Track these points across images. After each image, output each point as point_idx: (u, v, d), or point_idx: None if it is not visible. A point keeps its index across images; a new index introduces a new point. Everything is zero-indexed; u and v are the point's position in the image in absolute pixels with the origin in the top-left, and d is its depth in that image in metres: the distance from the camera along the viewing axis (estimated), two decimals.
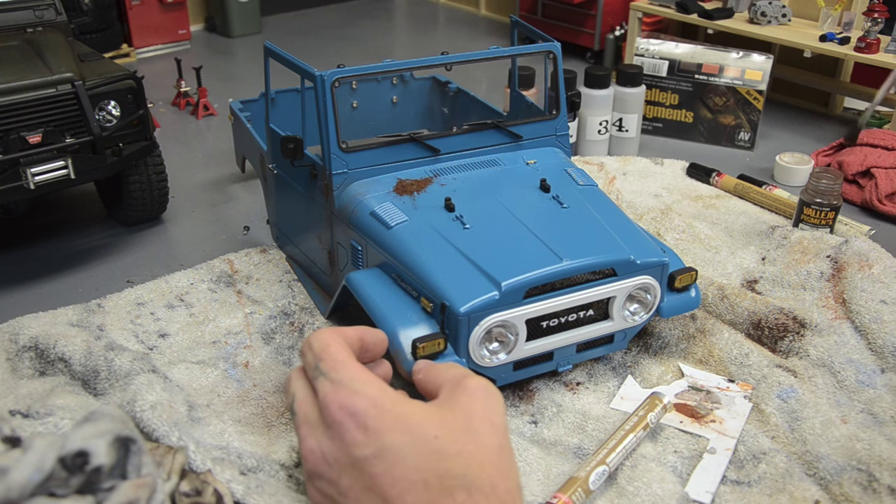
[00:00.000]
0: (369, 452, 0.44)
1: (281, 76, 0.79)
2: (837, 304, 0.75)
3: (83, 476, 0.39)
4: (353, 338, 0.52)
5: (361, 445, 0.44)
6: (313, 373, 0.48)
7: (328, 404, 0.46)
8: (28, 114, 0.77)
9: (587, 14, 1.49)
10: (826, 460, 0.57)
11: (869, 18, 1.10)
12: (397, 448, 0.44)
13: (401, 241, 0.62)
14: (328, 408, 0.46)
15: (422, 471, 0.43)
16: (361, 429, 0.44)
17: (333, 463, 0.45)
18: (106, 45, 1.49)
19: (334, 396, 0.46)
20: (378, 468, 0.43)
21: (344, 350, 0.49)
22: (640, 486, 0.55)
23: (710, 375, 0.67)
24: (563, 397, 0.65)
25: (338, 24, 1.83)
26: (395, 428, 0.44)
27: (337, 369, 0.47)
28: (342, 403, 0.45)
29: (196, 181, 1.06)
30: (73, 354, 0.65)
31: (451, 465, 0.43)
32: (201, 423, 0.60)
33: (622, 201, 0.96)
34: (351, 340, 0.51)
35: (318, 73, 0.66)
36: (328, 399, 0.46)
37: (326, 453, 0.46)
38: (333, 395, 0.46)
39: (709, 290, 0.76)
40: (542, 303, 0.59)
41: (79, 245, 0.91)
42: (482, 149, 0.74)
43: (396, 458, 0.43)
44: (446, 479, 0.43)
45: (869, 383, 0.65)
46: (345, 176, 0.68)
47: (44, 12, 0.91)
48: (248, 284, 0.80)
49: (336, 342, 0.49)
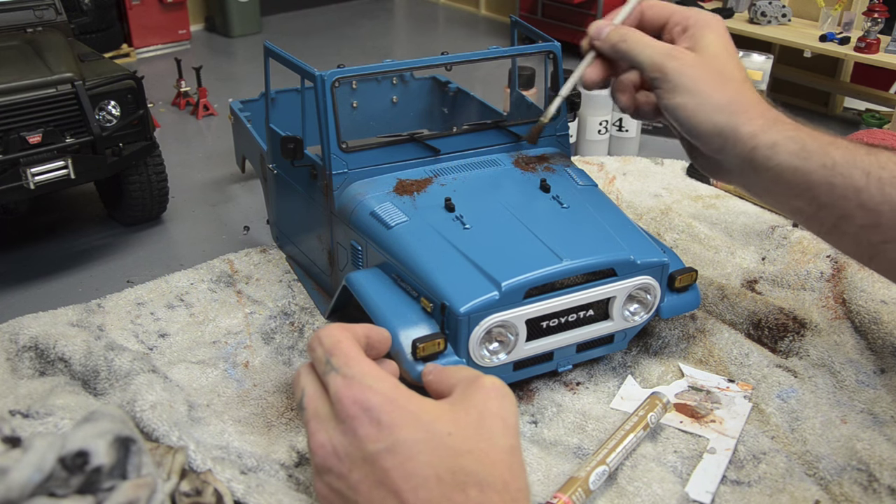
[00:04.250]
0: (382, 447, 0.44)
1: (281, 76, 0.79)
2: (837, 304, 0.75)
3: (83, 476, 0.39)
4: (360, 335, 0.52)
5: (374, 440, 0.44)
6: (324, 368, 0.48)
7: (341, 399, 0.46)
8: (28, 114, 0.77)
9: (587, 14, 1.49)
10: (826, 460, 0.57)
11: (869, 18, 1.10)
12: (411, 443, 0.44)
13: (401, 241, 0.62)
14: (341, 402, 0.46)
15: (434, 466, 0.43)
16: (375, 423, 0.44)
17: (344, 457, 0.45)
18: (106, 45, 1.49)
19: (348, 391, 0.46)
20: (390, 462, 0.43)
21: (355, 346, 0.49)
22: (640, 486, 0.55)
23: (710, 375, 0.67)
24: (563, 397, 0.65)
25: (338, 24, 1.83)
26: (408, 423, 0.44)
27: (350, 365, 0.47)
28: (356, 398, 0.45)
29: (196, 181, 1.06)
30: (73, 354, 0.65)
31: (463, 461, 0.43)
32: (201, 423, 0.60)
33: (622, 201, 0.96)
34: (358, 337, 0.51)
35: (318, 73, 0.66)
36: (341, 394, 0.46)
37: (337, 447, 0.46)
38: (347, 389, 0.46)
39: (709, 290, 0.76)
40: (542, 303, 0.59)
41: (79, 245, 0.91)
42: (482, 149, 0.74)
43: (409, 453, 0.43)
44: (459, 475, 0.43)
45: (869, 383, 0.65)
46: (345, 176, 0.68)
47: (44, 12, 0.91)
48: (248, 284, 0.80)
49: (346, 338, 0.50)
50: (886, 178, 0.54)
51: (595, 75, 0.67)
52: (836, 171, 0.55)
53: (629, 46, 0.63)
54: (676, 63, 0.60)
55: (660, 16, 0.66)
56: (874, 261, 0.58)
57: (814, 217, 0.58)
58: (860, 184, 0.54)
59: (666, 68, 0.61)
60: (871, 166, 0.55)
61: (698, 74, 0.60)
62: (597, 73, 0.67)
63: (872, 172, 0.54)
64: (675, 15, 0.65)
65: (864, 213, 0.55)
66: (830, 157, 0.56)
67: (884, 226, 0.54)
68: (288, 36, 1.74)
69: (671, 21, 0.65)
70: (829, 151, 0.56)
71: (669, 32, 0.65)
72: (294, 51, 0.71)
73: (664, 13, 0.66)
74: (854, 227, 0.56)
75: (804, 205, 0.58)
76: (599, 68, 0.67)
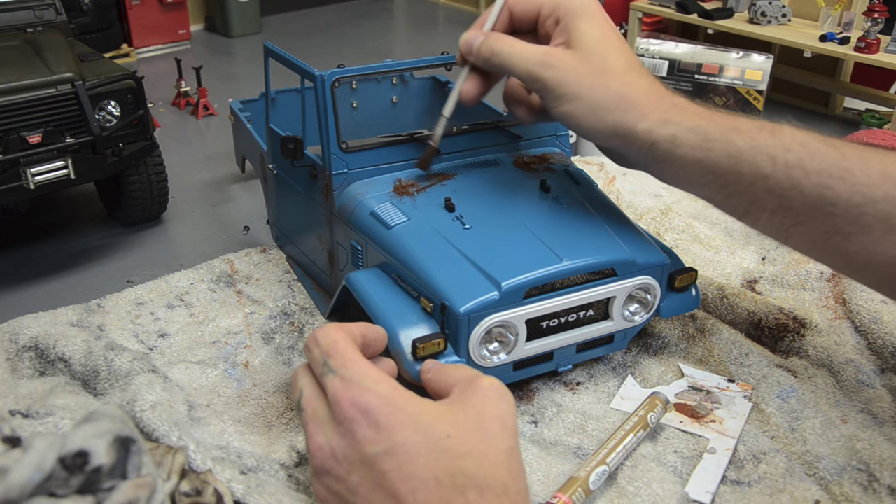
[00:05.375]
0: (380, 449, 0.44)
1: (281, 76, 0.79)
2: (837, 304, 0.75)
3: (83, 476, 0.39)
4: (356, 334, 0.52)
5: (373, 442, 0.44)
6: (321, 369, 0.48)
7: (339, 401, 0.46)
8: (28, 114, 0.77)
9: None
10: (826, 460, 0.57)
11: (869, 18, 1.10)
12: (409, 446, 0.44)
13: (401, 241, 0.62)
14: (339, 405, 0.46)
15: (433, 469, 0.43)
16: (373, 426, 0.44)
17: (343, 460, 0.45)
18: (106, 45, 1.49)
19: (346, 393, 0.46)
20: (389, 465, 0.43)
21: (351, 347, 0.49)
22: (640, 486, 0.55)
23: (710, 375, 0.67)
24: (563, 397, 0.65)
25: (338, 24, 1.83)
26: (407, 426, 0.44)
27: (347, 366, 0.47)
28: (354, 400, 0.45)
29: (196, 181, 1.06)
30: (73, 354, 0.65)
31: (462, 463, 0.43)
32: (201, 423, 0.60)
33: (622, 201, 0.96)
34: (354, 336, 0.51)
35: (318, 73, 0.66)
36: (339, 396, 0.46)
37: (336, 450, 0.46)
38: (345, 392, 0.46)
39: (709, 290, 0.76)
40: (543, 303, 0.59)
41: (79, 245, 0.91)
42: (482, 149, 0.74)
43: (408, 455, 0.43)
44: (458, 477, 0.43)
45: (869, 383, 0.65)
46: (345, 176, 0.68)
47: (44, 12, 0.91)
48: (248, 284, 0.80)
49: (343, 339, 0.49)
50: (793, 161, 0.52)
51: (473, 91, 0.63)
52: (742, 160, 0.54)
53: (502, 60, 0.60)
54: (553, 71, 0.57)
55: (529, 11, 0.61)
56: (790, 241, 0.56)
57: (725, 203, 0.57)
58: (767, 170, 0.53)
59: (544, 79, 0.57)
60: (776, 150, 0.53)
61: (579, 78, 0.57)
62: (475, 89, 0.63)
63: (778, 157, 0.53)
64: (545, 7, 0.60)
65: (773, 199, 0.54)
66: (734, 144, 0.54)
67: (795, 209, 0.53)
68: (288, 36, 1.74)
69: (542, 14, 0.61)
70: (732, 139, 0.54)
71: (543, 27, 0.61)
72: (294, 51, 0.71)
73: (533, 7, 0.61)
74: (765, 211, 0.55)
75: (713, 193, 0.57)
76: (477, 82, 0.63)
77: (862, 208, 0.51)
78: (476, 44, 0.61)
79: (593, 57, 0.57)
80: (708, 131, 0.55)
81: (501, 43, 0.60)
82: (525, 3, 0.61)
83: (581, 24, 0.58)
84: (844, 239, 0.52)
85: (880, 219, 0.51)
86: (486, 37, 0.61)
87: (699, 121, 0.55)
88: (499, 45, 0.60)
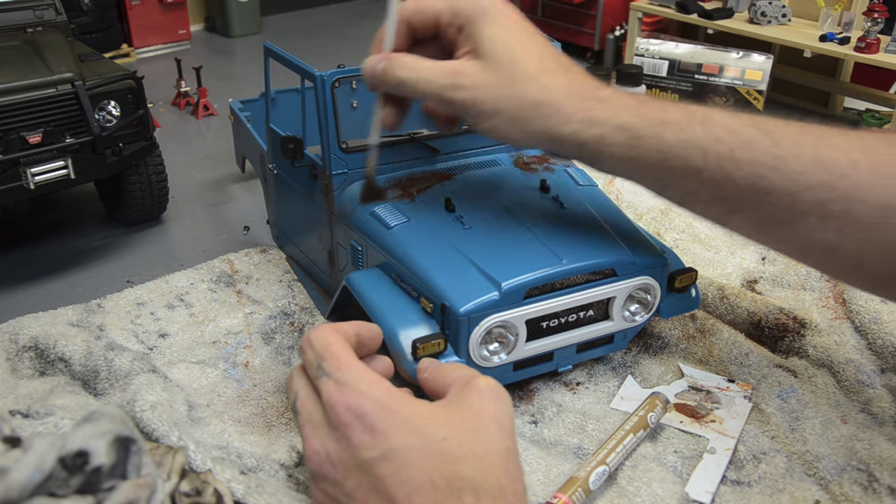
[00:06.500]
0: (376, 454, 0.43)
1: (281, 76, 0.79)
2: (837, 304, 0.75)
3: (83, 476, 0.39)
4: (351, 333, 0.51)
5: (368, 447, 0.44)
6: (315, 372, 0.48)
7: (334, 405, 0.45)
8: (28, 114, 0.77)
9: (587, 14, 1.49)
10: (826, 460, 0.57)
11: (869, 18, 1.10)
12: (405, 449, 0.43)
13: (401, 241, 0.62)
14: (334, 409, 0.45)
15: (429, 472, 0.43)
16: (368, 430, 0.44)
17: (339, 464, 0.45)
18: (106, 45, 1.49)
19: (340, 397, 0.45)
20: (385, 470, 0.43)
21: (346, 348, 0.49)
22: (640, 486, 0.55)
23: (710, 375, 0.67)
24: (563, 397, 0.65)
25: (338, 24, 1.83)
26: (402, 429, 0.44)
27: (342, 369, 0.47)
28: (349, 405, 0.45)
29: (196, 181, 1.06)
30: (73, 354, 0.65)
31: (459, 467, 0.43)
32: (201, 423, 0.60)
33: (622, 201, 0.96)
34: (348, 336, 0.51)
35: (317, 73, 0.66)
36: (333, 400, 0.46)
37: (332, 454, 0.45)
38: (339, 395, 0.46)
39: (709, 290, 0.76)
40: (543, 303, 0.59)
41: (79, 245, 0.91)
42: (482, 149, 0.74)
43: (404, 459, 0.43)
44: (454, 481, 0.43)
45: (869, 383, 0.65)
46: (345, 176, 0.68)
47: (44, 12, 0.91)
48: (248, 284, 0.80)
49: (337, 340, 0.49)
50: (724, 152, 0.51)
51: (392, 116, 0.61)
52: (672, 154, 0.53)
53: (409, 87, 0.56)
54: (464, 92, 0.54)
55: (428, 22, 0.58)
56: (728, 227, 0.56)
57: (663, 193, 0.57)
58: (698, 164, 0.52)
59: (456, 102, 0.55)
60: (707, 142, 0.52)
61: (493, 93, 0.54)
62: (393, 114, 0.61)
63: (710, 149, 0.52)
64: (443, 15, 0.56)
65: (707, 191, 0.53)
66: (663, 139, 0.53)
67: (730, 199, 0.53)
68: (288, 36, 1.74)
69: (442, 23, 0.57)
70: (661, 133, 0.53)
71: (446, 36, 0.57)
72: (294, 51, 0.71)
73: (430, 16, 0.57)
74: (700, 202, 0.55)
75: (650, 184, 0.57)
76: (394, 107, 0.60)
77: (796, 196, 0.50)
78: (378, 68, 0.58)
79: (503, 65, 0.54)
80: (636, 128, 0.53)
81: (405, 69, 0.57)
82: (422, 14, 0.58)
83: (485, 30, 0.55)
84: (781, 225, 0.52)
85: (815, 205, 0.50)
86: (387, 62, 0.57)
87: (626, 117, 0.54)
88: (402, 72, 0.57)
